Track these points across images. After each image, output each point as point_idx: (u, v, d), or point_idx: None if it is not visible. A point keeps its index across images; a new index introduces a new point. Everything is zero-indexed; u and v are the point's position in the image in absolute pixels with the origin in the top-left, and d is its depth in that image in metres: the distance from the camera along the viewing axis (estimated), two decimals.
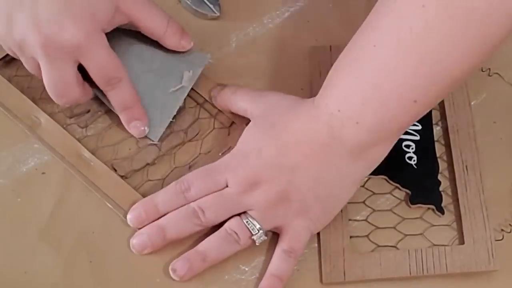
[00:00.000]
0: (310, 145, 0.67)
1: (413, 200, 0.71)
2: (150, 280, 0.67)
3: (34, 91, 0.75)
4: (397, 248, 0.69)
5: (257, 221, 0.67)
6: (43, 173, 0.71)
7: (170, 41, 0.74)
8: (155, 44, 0.75)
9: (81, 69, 0.70)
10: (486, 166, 0.72)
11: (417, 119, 0.67)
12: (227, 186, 0.67)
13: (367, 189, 0.71)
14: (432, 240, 0.69)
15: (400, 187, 0.71)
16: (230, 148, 0.71)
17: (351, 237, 0.69)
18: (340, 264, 0.67)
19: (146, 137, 0.73)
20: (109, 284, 0.67)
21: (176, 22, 0.74)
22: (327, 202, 0.68)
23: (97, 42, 0.69)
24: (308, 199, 0.67)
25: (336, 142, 0.66)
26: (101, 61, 0.69)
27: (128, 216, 0.68)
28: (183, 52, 0.75)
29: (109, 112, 0.74)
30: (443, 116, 0.74)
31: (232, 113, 0.74)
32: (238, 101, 0.73)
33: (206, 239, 0.67)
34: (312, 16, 0.79)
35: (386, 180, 0.71)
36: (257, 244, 0.67)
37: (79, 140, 0.72)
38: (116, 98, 0.72)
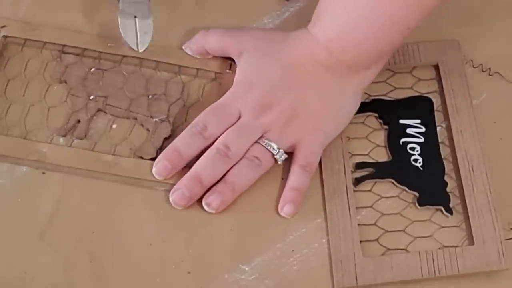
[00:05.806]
0: (312, 65, 0.70)
1: (421, 202, 0.70)
2: (150, 280, 0.67)
3: (18, 129, 0.73)
4: (408, 251, 0.69)
5: (274, 142, 0.69)
6: (43, 173, 0.71)
7: None
8: None
9: None
10: (486, 166, 0.72)
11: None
12: (239, 117, 0.69)
13: (374, 193, 0.71)
14: (442, 242, 0.69)
15: (407, 189, 0.71)
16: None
17: (361, 241, 0.68)
18: (351, 269, 0.67)
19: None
20: (109, 284, 0.67)
21: None
22: (336, 112, 0.71)
23: None
24: (319, 112, 0.70)
25: (337, 63, 0.69)
26: None
27: (154, 170, 0.69)
28: None
29: (100, 111, 0.74)
30: (446, 117, 0.74)
31: (209, 61, 0.76)
32: (216, 42, 0.75)
33: (231, 170, 0.69)
34: (312, 16, 0.78)
35: (393, 183, 0.71)
36: (279, 162, 0.70)
37: (92, 150, 0.72)
38: None
